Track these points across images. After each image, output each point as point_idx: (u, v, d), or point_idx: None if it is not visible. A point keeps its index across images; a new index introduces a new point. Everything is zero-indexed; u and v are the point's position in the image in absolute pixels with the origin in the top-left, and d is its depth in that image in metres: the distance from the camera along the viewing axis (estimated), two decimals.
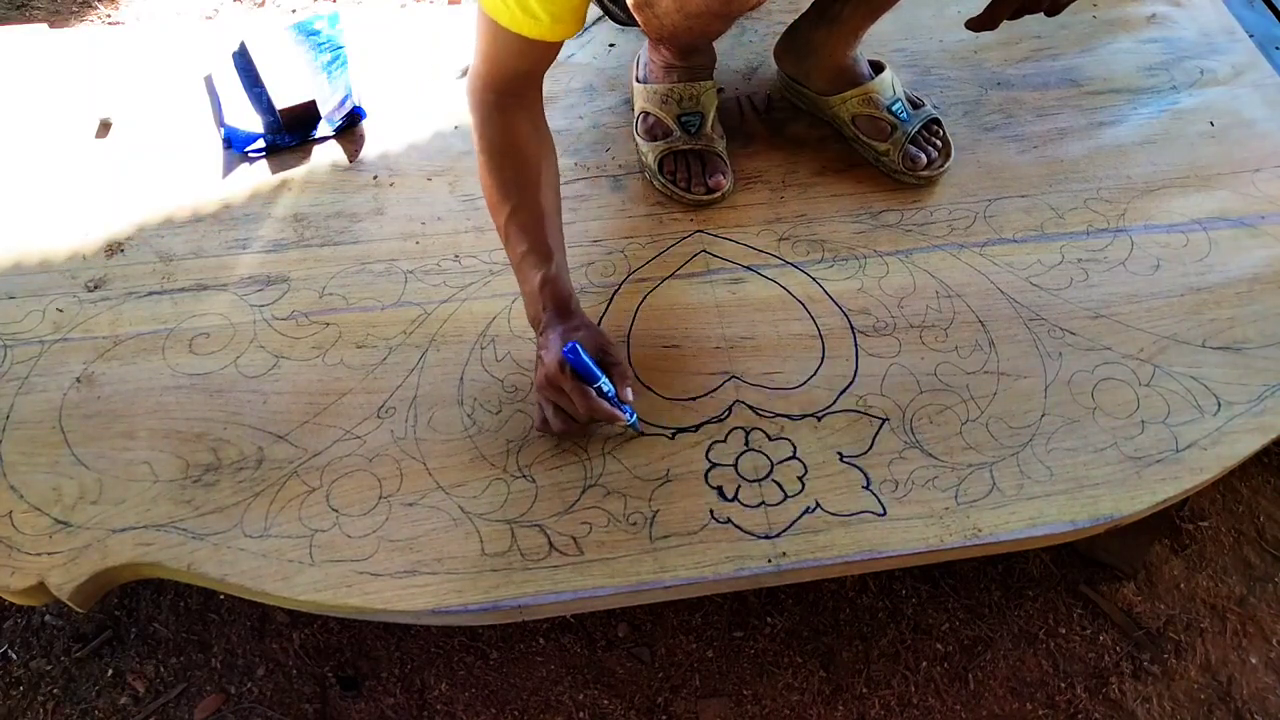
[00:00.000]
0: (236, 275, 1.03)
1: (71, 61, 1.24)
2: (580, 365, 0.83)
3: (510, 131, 0.91)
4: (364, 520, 0.85)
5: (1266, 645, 1.08)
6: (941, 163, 1.10)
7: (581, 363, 0.83)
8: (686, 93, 1.09)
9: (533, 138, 0.92)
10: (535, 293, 0.88)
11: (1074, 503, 0.86)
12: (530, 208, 0.89)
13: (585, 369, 0.83)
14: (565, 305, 0.88)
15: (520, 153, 0.91)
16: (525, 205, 0.89)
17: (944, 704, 1.04)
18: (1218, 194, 1.10)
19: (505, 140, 0.91)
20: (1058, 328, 0.98)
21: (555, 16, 0.84)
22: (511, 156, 0.91)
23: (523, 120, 0.92)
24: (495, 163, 0.90)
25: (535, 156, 0.92)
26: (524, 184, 0.90)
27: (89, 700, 1.04)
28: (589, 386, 0.83)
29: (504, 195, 0.90)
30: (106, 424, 0.91)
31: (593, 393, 0.83)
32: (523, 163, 0.91)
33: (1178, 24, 1.30)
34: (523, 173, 0.90)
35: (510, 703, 1.04)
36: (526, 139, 0.92)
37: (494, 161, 0.91)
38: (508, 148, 0.91)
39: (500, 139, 0.91)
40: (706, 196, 1.08)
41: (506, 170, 0.90)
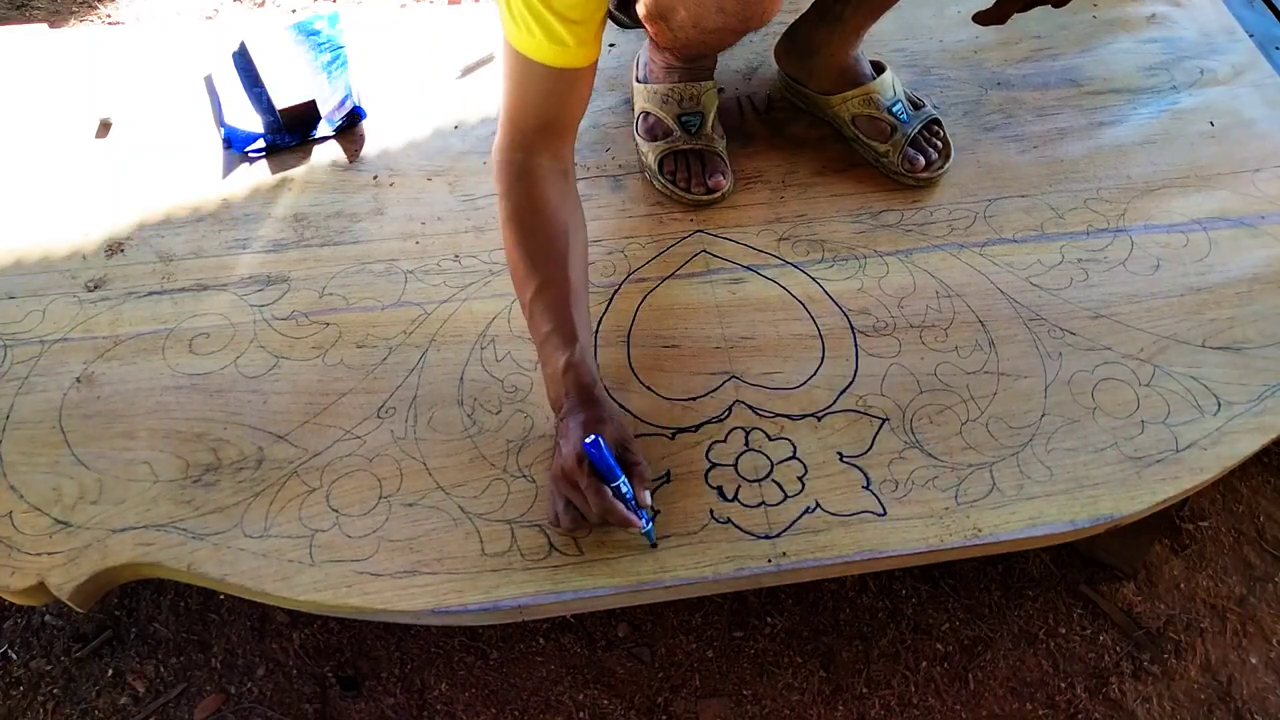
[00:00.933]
0: (236, 275, 1.03)
1: (71, 61, 1.24)
2: (600, 461, 0.77)
3: (539, 199, 0.86)
4: (364, 520, 0.85)
5: (1266, 645, 1.08)
6: (941, 164, 1.10)
7: (601, 459, 0.76)
8: (687, 93, 1.09)
9: (563, 206, 0.88)
10: (558, 375, 0.83)
11: (1074, 503, 0.86)
12: (558, 284, 0.84)
13: (605, 466, 0.77)
14: (589, 392, 0.82)
15: (549, 224, 0.86)
16: (553, 281, 0.84)
17: (944, 704, 1.04)
18: (1218, 194, 1.10)
19: (533, 209, 0.86)
20: (1058, 328, 0.98)
21: (580, 40, 0.82)
22: (540, 228, 0.86)
23: (552, 186, 0.88)
24: (522, 234, 0.85)
25: (564, 227, 0.86)
26: (552, 258, 0.85)
27: (89, 700, 1.04)
28: (606, 485, 0.77)
29: (530, 270, 0.85)
30: (106, 424, 0.91)
31: (609, 493, 0.77)
32: (551, 235, 0.86)
33: (1178, 24, 1.30)
34: (551, 246, 0.85)
35: (510, 703, 1.04)
36: (556, 208, 0.87)
37: (521, 233, 0.85)
38: (535, 218, 0.86)
39: (527, 207, 0.86)
40: (706, 196, 1.08)
41: (534, 243, 0.85)
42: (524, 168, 0.87)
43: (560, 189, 0.89)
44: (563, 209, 0.88)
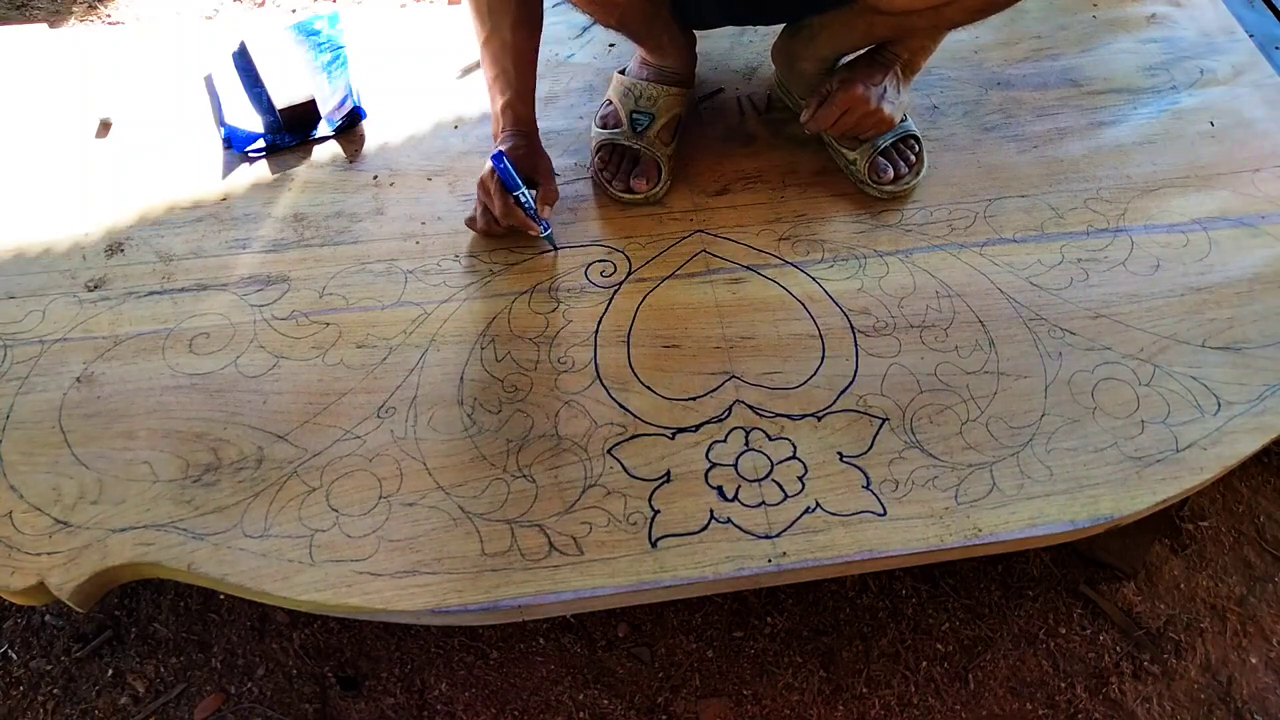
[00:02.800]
0: (236, 275, 1.03)
1: (71, 61, 1.24)
2: (504, 173, 0.95)
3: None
4: (364, 520, 0.85)
5: (1266, 645, 1.08)
6: (911, 178, 1.09)
7: (505, 170, 0.95)
8: (647, 92, 1.09)
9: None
10: (498, 114, 1.01)
11: (1074, 503, 0.86)
12: (501, 37, 0.97)
13: (508, 177, 0.96)
14: (521, 128, 1.00)
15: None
16: (497, 34, 0.97)
17: (944, 704, 1.04)
18: (1218, 194, 1.10)
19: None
20: (1058, 328, 0.98)
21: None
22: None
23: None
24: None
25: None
26: (498, 15, 0.97)
27: (89, 700, 1.04)
28: (510, 194, 0.96)
29: (480, 22, 0.98)
30: (106, 424, 0.91)
31: (510, 200, 0.96)
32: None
33: (1178, 24, 1.30)
34: (499, 4, 0.96)
35: (510, 703, 1.04)
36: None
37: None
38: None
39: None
40: (625, 194, 1.08)
41: (484, 2, 0.97)
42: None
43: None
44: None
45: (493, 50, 0.98)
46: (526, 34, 0.99)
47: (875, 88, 1.04)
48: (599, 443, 0.90)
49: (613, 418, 0.92)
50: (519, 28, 0.98)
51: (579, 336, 0.98)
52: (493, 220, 1.00)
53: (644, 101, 1.09)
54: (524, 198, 0.96)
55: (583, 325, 0.99)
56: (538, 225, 0.98)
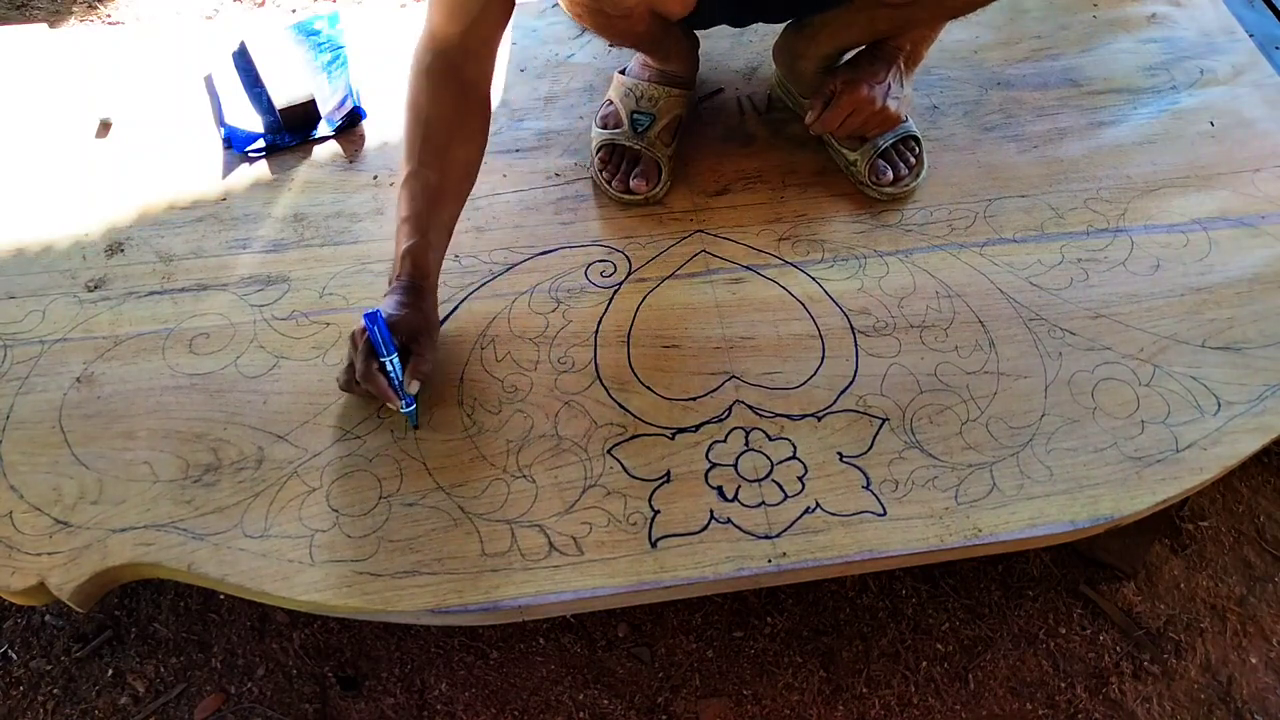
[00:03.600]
0: (236, 275, 1.03)
1: (71, 61, 1.24)
2: (373, 335, 0.84)
3: (434, 98, 0.90)
4: (364, 520, 0.85)
5: (1266, 645, 1.08)
6: (911, 180, 1.09)
7: (375, 334, 0.84)
8: (649, 92, 1.09)
9: (455, 113, 0.91)
10: (397, 259, 0.89)
11: (1074, 503, 0.86)
12: (424, 179, 0.89)
13: (376, 340, 0.84)
14: (417, 282, 0.89)
15: (437, 121, 0.90)
16: (420, 175, 0.89)
17: (944, 704, 1.04)
18: (1218, 194, 1.09)
19: (425, 104, 0.90)
20: (1058, 328, 0.98)
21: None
22: (426, 122, 0.90)
23: (451, 92, 0.91)
24: (409, 123, 0.91)
25: (448, 133, 0.91)
26: (426, 155, 0.90)
27: (89, 700, 1.04)
28: (375, 359, 0.85)
29: (407, 156, 0.90)
30: (106, 424, 0.91)
31: (374, 366, 0.85)
32: (434, 131, 0.90)
33: (1178, 24, 1.30)
34: (430, 142, 0.90)
35: (510, 703, 1.04)
36: (449, 110, 0.91)
37: (409, 120, 0.91)
38: (425, 112, 0.90)
39: (422, 101, 0.91)
40: (625, 195, 1.08)
41: (414, 134, 0.90)
42: (430, 67, 0.91)
43: (460, 95, 0.92)
44: (456, 113, 0.92)
45: (411, 190, 0.89)
46: (458, 180, 0.93)
47: (880, 85, 1.04)
48: (599, 443, 0.90)
49: (613, 418, 0.92)
50: (448, 171, 0.91)
51: (579, 336, 0.98)
52: (353, 380, 0.87)
53: (645, 102, 1.09)
54: (391, 366, 0.84)
55: (583, 325, 0.99)
56: (399, 400, 0.85)
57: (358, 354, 0.85)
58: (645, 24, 0.93)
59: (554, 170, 1.13)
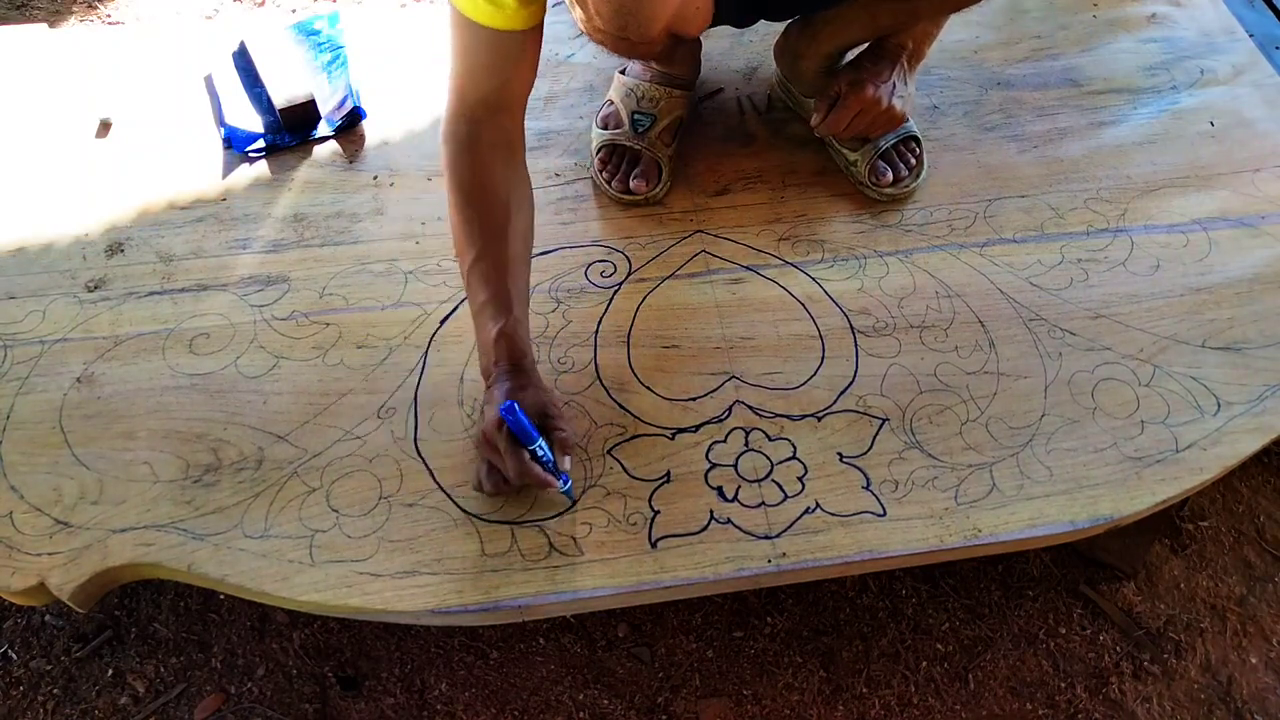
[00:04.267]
0: (236, 275, 1.03)
1: (71, 61, 1.24)
2: (516, 426, 0.79)
3: (482, 171, 0.87)
4: (364, 520, 0.85)
5: (1266, 645, 1.08)
6: (911, 181, 1.09)
7: (518, 423, 0.79)
8: (650, 93, 1.09)
9: (506, 180, 0.88)
10: (490, 344, 0.84)
11: (1074, 503, 0.86)
12: (494, 256, 0.85)
13: (521, 430, 0.79)
14: (518, 362, 0.84)
15: (491, 196, 0.87)
16: (490, 253, 0.85)
17: (944, 704, 1.04)
18: (1218, 194, 1.09)
19: (476, 181, 0.87)
20: (1058, 328, 0.98)
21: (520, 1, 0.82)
22: (481, 200, 0.87)
23: (497, 160, 0.88)
24: (463, 205, 0.87)
25: (505, 201, 0.87)
26: (491, 231, 0.86)
27: (89, 700, 1.04)
28: (524, 449, 0.80)
29: (469, 241, 0.86)
30: (106, 424, 0.91)
31: (525, 456, 0.80)
32: (492, 207, 0.87)
33: (1178, 24, 1.30)
34: (491, 218, 0.86)
35: (510, 703, 1.04)
36: (499, 181, 0.88)
37: (462, 203, 0.87)
38: (478, 189, 0.87)
39: (471, 179, 0.87)
40: (625, 195, 1.08)
41: (474, 214, 0.86)
42: (469, 139, 0.87)
43: (505, 162, 0.89)
44: (506, 183, 0.88)
45: (482, 272, 0.84)
46: (525, 244, 0.89)
47: (884, 85, 1.03)
48: (599, 443, 0.90)
49: (613, 418, 0.92)
50: (517, 238, 0.87)
51: (579, 336, 0.98)
52: (502, 480, 0.83)
53: (646, 102, 1.09)
54: (542, 450, 0.80)
55: (583, 325, 0.99)
56: (557, 482, 0.81)
57: (504, 453, 0.80)
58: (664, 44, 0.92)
59: (554, 170, 1.13)
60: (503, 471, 0.82)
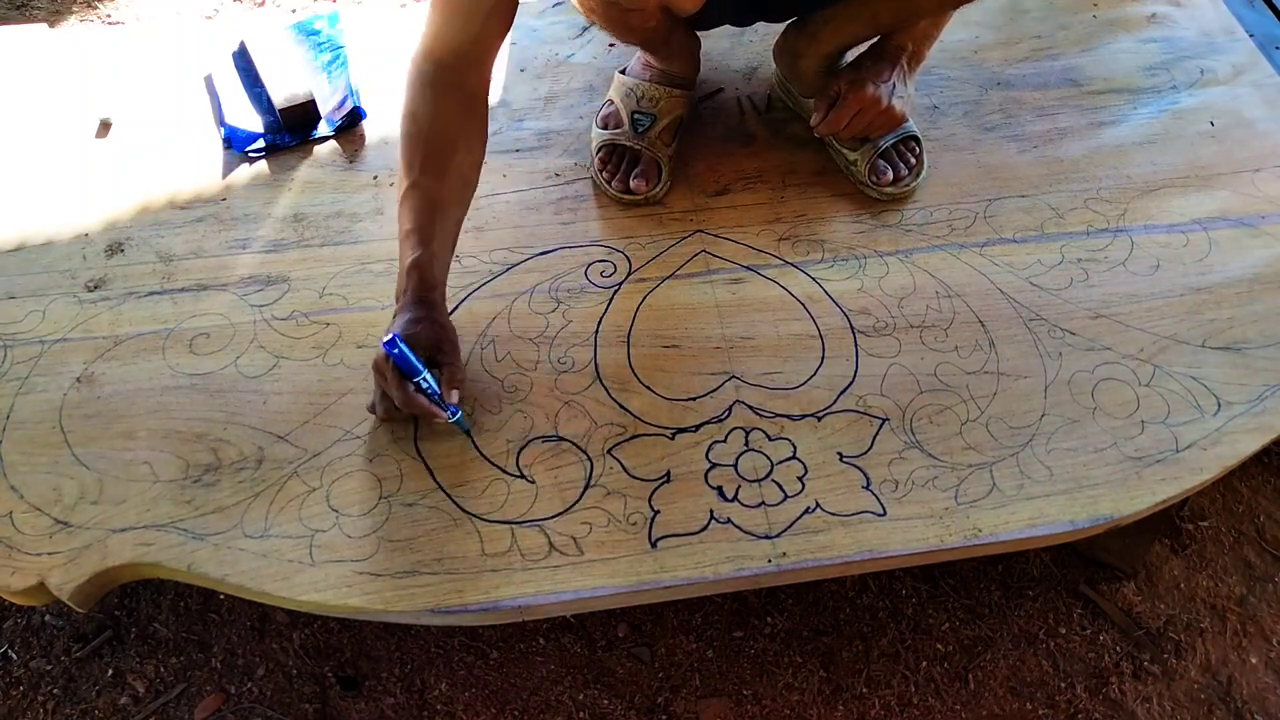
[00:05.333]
0: (236, 275, 1.03)
1: (71, 61, 1.24)
2: (400, 359, 0.83)
3: (433, 110, 0.90)
4: (364, 520, 0.85)
5: (1266, 645, 1.08)
6: (911, 180, 1.09)
7: (402, 357, 0.83)
8: (650, 92, 1.09)
9: (455, 123, 0.91)
10: (403, 273, 0.89)
11: (1074, 503, 0.85)
12: (425, 190, 0.89)
13: (405, 363, 0.83)
14: (425, 295, 0.88)
15: (436, 135, 0.90)
16: (421, 186, 0.89)
17: (944, 704, 1.04)
18: (1218, 194, 1.09)
19: (425, 116, 0.90)
20: (1058, 328, 0.98)
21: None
22: (426, 135, 0.90)
23: (452, 102, 0.91)
24: (408, 135, 0.90)
25: (450, 143, 0.90)
26: (428, 166, 0.89)
27: (89, 700, 1.04)
28: (409, 381, 0.83)
29: (406, 169, 0.90)
30: (106, 424, 0.91)
31: (410, 387, 0.83)
32: (437, 143, 0.90)
33: (1178, 24, 1.30)
34: (433, 153, 0.89)
35: (510, 703, 1.04)
36: (447, 122, 0.90)
37: (408, 131, 0.90)
38: (425, 125, 0.90)
39: (421, 113, 0.90)
40: (625, 195, 1.08)
41: (414, 146, 0.90)
42: (430, 77, 0.91)
43: (461, 106, 0.91)
44: (456, 124, 0.91)
45: (413, 202, 0.89)
46: (459, 189, 0.92)
47: (885, 85, 1.04)
48: (599, 443, 0.90)
49: (613, 418, 0.92)
50: (450, 181, 0.91)
51: (579, 336, 0.98)
52: (392, 407, 0.87)
53: (646, 102, 1.09)
54: (426, 383, 0.84)
55: (583, 325, 0.99)
56: (444, 412, 0.85)
57: (389, 382, 0.84)
58: (657, 19, 0.93)
59: (554, 170, 1.13)
60: (393, 399, 0.85)
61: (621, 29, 0.95)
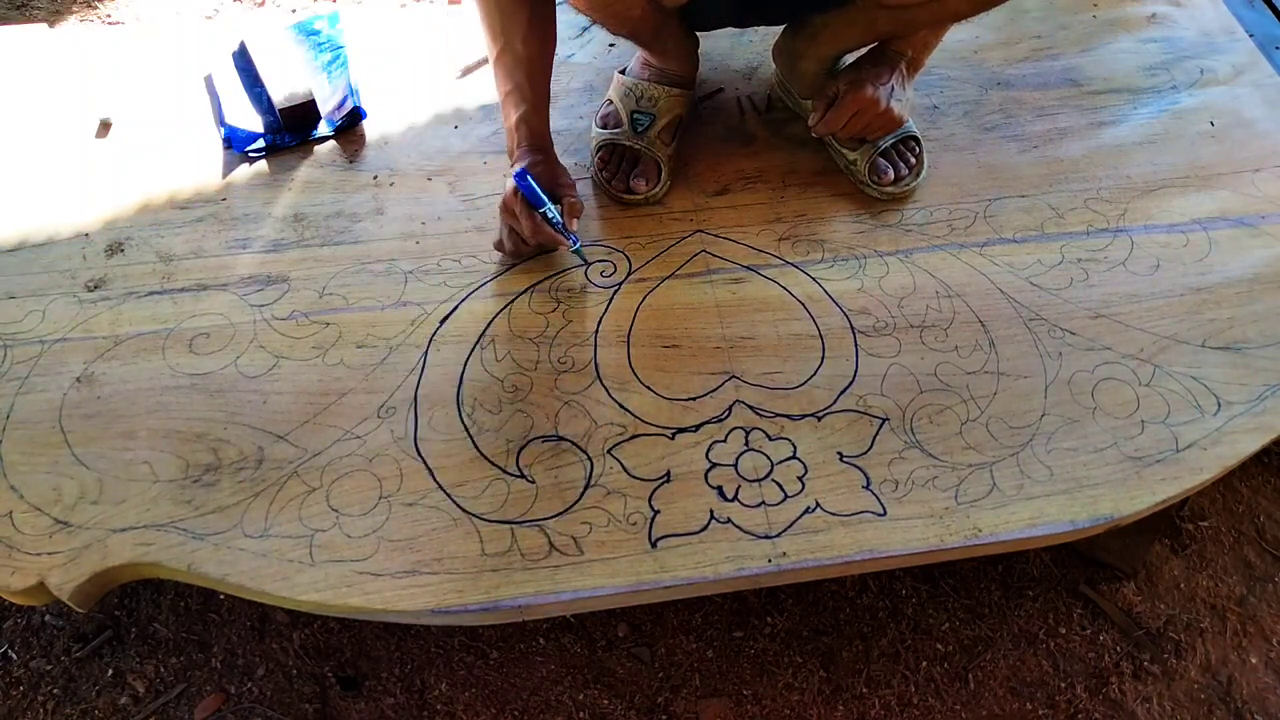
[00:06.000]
0: (236, 275, 1.03)
1: (71, 61, 1.24)
2: (528, 190, 0.94)
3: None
4: (364, 520, 0.85)
5: (1266, 645, 1.08)
6: (911, 180, 1.09)
7: (529, 188, 0.94)
8: (649, 92, 1.10)
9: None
10: (512, 129, 0.99)
11: (1074, 503, 0.86)
12: (514, 51, 0.96)
13: (533, 194, 0.94)
14: (537, 142, 0.99)
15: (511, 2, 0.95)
16: (510, 48, 0.96)
17: (944, 704, 1.04)
18: (1218, 194, 1.10)
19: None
20: (1058, 328, 0.98)
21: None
22: (501, 4, 0.95)
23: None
24: (485, 7, 0.96)
25: (525, 6, 0.96)
26: (509, 28, 0.96)
27: (89, 700, 1.04)
28: (536, 211, 0.94)
29: (491, 37, 0.97)
30: (106, 424, 0.91)
31: (538, 217, 0.94)
32: (513, 11, 0.95)
33: (1178, 24, 1.30)
34: (510, 17, 0.95)
35: (510, 703, 1.04)
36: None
37: (486, 6, 0.96)
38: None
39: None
40: (625, 195, 1.08)
41: (494, 13, 0.96)
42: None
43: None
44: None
45: (505, 65, 0.97)
46: (539, 46, 0.98)
47: (884, 87, 1.04)
48: (599, 443, 0.90)
49: (613, 418, 0.92)
50: (531, 39, 0.97)
51: (579, 336, 0.98)
52: (520, 240, 0.98)
53: (645, 102, 1.09)
54: (551, 213, 0.95)
55: (583, 325, 0.99)
56: (568, 240, 0.96)
57: (519, 215, 0.94)
58: (640, 8, 0.95)
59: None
60: (519, 233, 0.97)
61: (606, 16, 0.96)
